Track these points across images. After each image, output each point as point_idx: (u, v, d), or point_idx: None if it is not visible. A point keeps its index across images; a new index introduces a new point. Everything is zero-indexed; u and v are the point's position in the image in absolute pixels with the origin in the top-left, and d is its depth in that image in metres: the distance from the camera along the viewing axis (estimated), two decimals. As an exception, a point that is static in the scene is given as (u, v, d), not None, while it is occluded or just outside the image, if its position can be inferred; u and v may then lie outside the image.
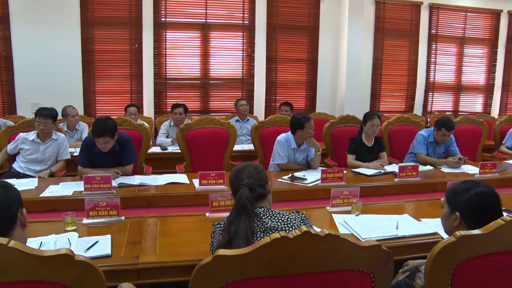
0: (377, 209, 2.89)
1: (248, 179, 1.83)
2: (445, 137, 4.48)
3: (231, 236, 1.66)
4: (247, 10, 6.79)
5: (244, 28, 6.83)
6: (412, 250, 2.30)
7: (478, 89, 8.45)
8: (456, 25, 8.06)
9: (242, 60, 6.90)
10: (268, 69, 6.99)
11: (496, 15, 8.22)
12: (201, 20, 6.62)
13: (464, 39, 8.12)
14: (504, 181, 3.90)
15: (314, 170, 3.90)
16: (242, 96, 6.85)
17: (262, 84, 7.00)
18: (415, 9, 7.64)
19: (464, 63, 8.22)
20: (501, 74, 8.50)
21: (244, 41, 6.86)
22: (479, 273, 1.51)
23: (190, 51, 6.71)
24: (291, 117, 4.13)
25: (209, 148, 4.45)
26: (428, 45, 7.86)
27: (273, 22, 6.91)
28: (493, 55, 8.38)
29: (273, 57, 6.99)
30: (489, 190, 1.80)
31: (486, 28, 8.26)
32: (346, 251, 1.31)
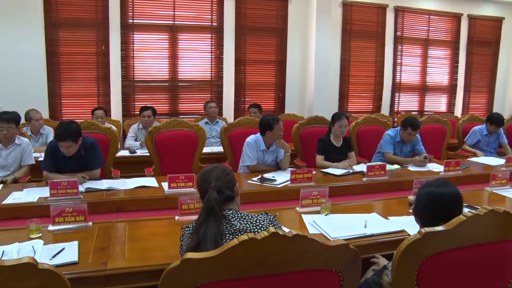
0: (346, 208, 2.93)
1: (216, 182, 1.82)
2: (411, 136, 4.58)
3: (199, 239, 1.66)
4: (215, 12, 6.78)
5: (213, 30, 6.81)
6: (380, 248, 2.35)
7: (442, 90, 8.69)
8: (420, 27, 8.27)
9: (211, 62, 6.88)
10: (237, 71, 7.00)
11: (457, 18, 8.49)
12: (169, 22, 6.57)
13: (428, 41, 8.34)
14: (467, 178, 4.04)
15: (284, 171, 3.94)
16: (211, 98, 6.83)
17: (231, 86, 7.00)
18: (381, 12, 7.79)
19: (429, 64, 8.45)
20: (463, 75, 8.78)
21: (212, 43, 6.84)
22: (443, 268, 1.56)
23: (158, 53, 6.64)
24: (260, 119, 4.14)
25: (178, 150, 4.42)
26: (394, 47, 8.03)
27: (242, 24, 6.92)
28: (455, 57, 8.64)
29: (241, 59, 7.00)
30: (441, 190, 1.86)
31: (448, 30, 8.52)
32: (314, 251, 1.33)
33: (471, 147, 5.66)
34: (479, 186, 3.72)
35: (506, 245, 1.65)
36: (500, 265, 1.69)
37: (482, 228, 1.57)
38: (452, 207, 1.80)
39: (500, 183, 3.63)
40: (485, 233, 1.58)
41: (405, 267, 1.51)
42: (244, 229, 1.72)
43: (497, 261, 1.67)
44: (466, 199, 3.14)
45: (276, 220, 1.88)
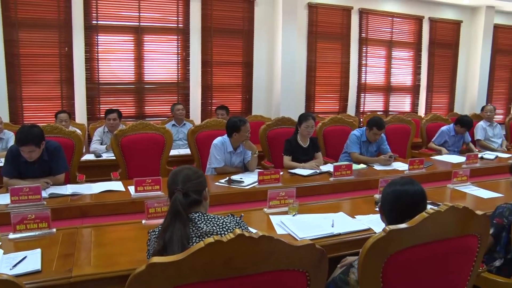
0: (314, 208, 2.97)
1: (184, 184, 1.81)
2: (376, 136, 4.67)
3: (166, 243, 1.64)
4: (181, 13, 6.72)
5: (179, 31, 6.76)
6: (347, 247, 2.39)
7: (406, 90, 8.89)
8: (384, 29, 8.44)
9: (177, 64, 6.82)
10: (204, 73, 6.96)
11: (419, 21, 8.73)
12: (134, 23, 6.47)
13: (391, 43, 8.52)
14: (430, 176, 4.16)
15: (251, 172, 3.95)
16: (178, 100, 6.77)
17: (197, 87, 6.96)
18: (346, 14, 7.91)
19: (393, 65, 8.62)
20: (426, 76, 9.02)
21: (178, 44, 6.78)
22: (408, 264, 1.60)
23: (124, 55, 6.53)
24: (227, 121, 4.14)
25: (144, 154, 4.37)
26: (359, 48, 8.16)
27: (208, 25, 6.89)
28: (418, 58, 8.87)
29: (208, 60, 6.97)
30: (406, 188, 1.91)
31: (411, 32, 8.74)
32: (280, 252, 1.33)
33: (438, 146, 5.82)
34: (442, 183, 3.85)
35: (466, 239, 1.70)
36: (461, 259, 1.74)
37: (444, 224, 1.62)
38: (417, 205, 1.85)
39: (461, 180, 3.76)
40: (447, 228, 1.63)
41: (370, 265, 1.54)
42: (211, 232, 1.71)
43: (458, 255, 1.72)
44: (430, 196, 3.22)
45: (243, 222, 1.88)
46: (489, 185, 3.79)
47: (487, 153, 5.40)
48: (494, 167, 4.66)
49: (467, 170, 3.89)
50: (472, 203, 3.33)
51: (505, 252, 2.37)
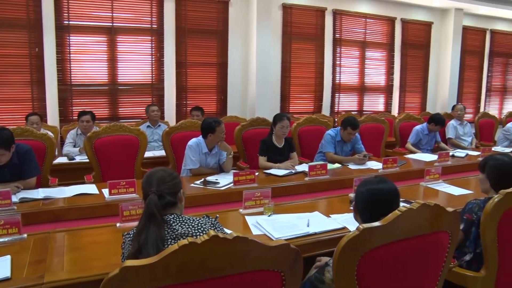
0: (289, 208, 2.98)
1: (159, 186, 1.80)
2: (351, 135, 4.73)
3: (140, 245, 1.63)
4: (155, 14, 6.66)
5: (153, 32, 6.70)
6: (323, 246, 2.41)
7: (379, 90, 9.02)
8: (358, 30, 8.54)
9: (151, 65, 6.75)
10: (178, 74, 6.92)
11: (391, 21, 8.87)
12: (107, 24, 6.38)
13: (365, 43, 8.63)
14: (404, 174, 4.22)
15: (227, 173, 3.94)
16: (152, 101, 6.70)
17: (172, 89, 6.91)
18: (320, 14, 7.97)
19: (366, 66, 8.74)
20: (399, 76, 9.17)
21: (153, 45, 6.72)
22: (381, 262, 1.61)
23: (97, 56, 6.43)
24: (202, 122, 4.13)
25: (119, 156, 4.32)
26: (333, 49, 8.23)
27: (182, 26, 6.85)
28: (391, 58, 9.01)
29: (182, 61, 6.92)
30: (381, 186, 1.94)
31: (384, 33, 8.87)
32: (255, 252, 1.33)
33: (413, 145, 5.93)
34: (415, 181, 3.92)
35: (437, 235, 1.74)
36: (433, 254, 1.77)
37: (416, 221, 1.64)
38: (391, 202, 1.89)
39: (433, 178, 3.84)
40: (419, 225, 1.65)
41: (345, 263, 1.55)
42: (186, 233, 1.70)
43: (430, 251, 1.75)
44: (403, 194, 3.28)
45: (218, 223, 1.88)
46: (460, 182, 3.89)
47: (458, 151, 5.52)
48: (464, 165, 4.78)
49: (439, 168, 3.98)
50: (444, 200, 3.41)
51: (475, 246, 2.43)
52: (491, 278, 2.23)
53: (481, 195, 2.74)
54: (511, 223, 2.21)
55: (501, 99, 11.09)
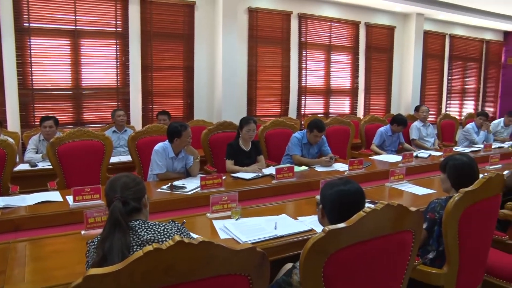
0: (257, 211, 2.99)
1: (123, 192, 1.77)
2: (317, 138, 4.77)
3: (105, 253, 1.60)
4: (119, 17, 6.56)
5: (117, 35, 6.59)
6: (290, 248, 2.42)
7: (345, 93, 9.15)
8: (323, 33, 8.64)
9: (116, 69, 6.64)
10: (144, 78, 6.82)
11: (355, 25, 9.02)
12: (70, 27, 6.23)
13: (330, 47, 8.75)
14: (369, 176, 4.29)
15: (194, 177, 3.91)
16: (118, 106, 6.60)
17: (138, 93, 6.81)
18: (286, 18, 8.03)
19: (332, 69, 8.84)
20: (363, 79, 9.33)
21: (117, 49, 6.61)
22: (348, 262, 1.63)
23: (59, 59, 6.26)
24: (168, 126, 4.09)
25: (83, 162, 4.23)
26: (299, 52, 8.30)
27: (147, 29, 6.77)
28: (355, 62, 9.15)
29: (148, 65, 6.84)
30: (349, 187, 1.96)
31: (349, 37, 9.01)
32: (221, 257, 1.33)
33: (378, 147, 6.05)
34: (380, 182, 4.00)
35: (401, 235, 1.77)
36: (398, 253, 1.80)
37: (380, 222, 1.67)
38: (359, 203, 1.92)
39: (398, 178, 3.92)
40: (383, 226, 1.68)
41: (312, 265, 1.56)
42: (152, 239, 1.68)
43: (395, 251, 1.78)
44: (369, 195, 3.35)
45: (185, 228, 1.87)
46: (423, 182, 3.99)
47: (421, 152, 5.66)
48: (427, 165, 4.90)
49: (403, 168, 4.07)
50: (408, 200, 3.49)
51: (438, 244, 2.49)
52: (453, 274, 2.30)
53: (443, 194, 2.82)
54: (470, 221, 2.29)
55: (460, 101, 11.47)
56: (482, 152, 5.88)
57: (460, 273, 2.32)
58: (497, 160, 4.97)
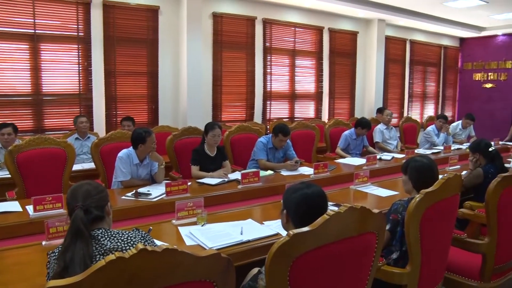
0: (223, 217, 2.98)
1: (84, 200, 1.73)
2: (282, 142, 4.80)
3: (67, 263, 1.55)
4: (81, 21, 6.42)
5: (79, 40, 6.44)
6: (257, 253, 2.42)
7: (310, 97, 9.26)
8: (287, 38, 8.72)
9: (79, 74, 6.48)
10: (107, 83, 6.70)
11: (319, 31, 9.16)
12: (29, 31, 6.04)
13: (295, 52, 8.84)
14: (334, 179, 4.33)
15: (159, 184, 3.87)
16: (80, 112, 6.45)
17: (101, 99, 6.68)
18: (250, 23, 8.06)
19: (296, 74, 8.93)
20: (328, 83, 9.46)
21: (80, 54, 6.46)
22: (313, 265, 1.64)
23: (18, 64, 6.05)
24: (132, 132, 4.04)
25: (44, 170, 4.12)
26: (264, 57, 8.34)
27: (111, 34, 6.66)
28: (320, 66, 9.28)
29: (111, 70, 6.72)
30: (312, 191, 1.98)
31: (313, 42, 9.14)
32: (185, 264, 1.32)
33: (342, 150, 6.14)
34: (345, 185, 4.05)
35: (365, 237, 1.80)
36: (362, 255, 1.83)
37: (344, 224, 1.69)
38: (322, 206, 1.94)
39: (362, 181, 3.99)
40: (347, 228, 1.70)
41: (277, 269, 1.56)
42: (116, 248, 1.65)
43: (359, 252, 1.81)
44: (334, 198, 3.40)
45: (149, 236, 1.84)
46: (387, 184, 4.08)
47: (385, 155, 5.78)
48: (391, 167, 4.99)
49: (367, 171, 4.14)
50: (372, 202, 3.55)
51: (401, 245, 2.54)
52: (415, 273, 2.35)
53: (406, 195, 2.88)
54: (431, 221, 2.35)
55: (421, 104, 11.81)
56: (442, 154, 6.06)
57: (422, 271, 2.37)
58: (455, 161, 5.13)
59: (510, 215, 2.88)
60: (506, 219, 2.83)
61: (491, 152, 3.95)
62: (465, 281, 2.86)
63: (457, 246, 2.93)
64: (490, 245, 2.77)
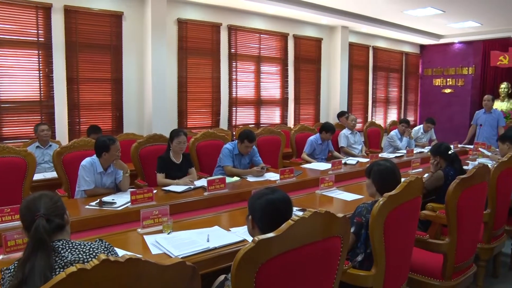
0: (189, 224, 2.96)
1: (45, 209, 1.68)
2: (248, 148, 4.81)
3: (26, 276, 1.49)
4: (41, 26, 6.25)
5: (40, 45, 6.27)
6: (223, 260, 2.41)
7: (275, 103, 9.31)
8: (253, 45, 8.76)
9: (39, 81, 6.30)
10: (70, 90, 6.53)
11: (284, 37, 9.24)
12: (-15, 36, 5.87)
13: (260, 58, 8.88)
14: (300, 184, 4.36)
15: (124, 192, 3.80)
16: (42, 120, 6.26)
17: (63, 106, 6.51)
18: (215, 30, 8.06)
19: (262, 80, 8.96)
20: (293, 89, 9.55)
21: (40, 59, 6.29)
22: (279, 271, 1.65)
23: (-27, 70, 5.88)
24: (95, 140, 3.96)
25: (3, 180, 4.01)
26: (229, 63, 8.34)
27: (73, 40, 6.51)
28: (285, 72, 9.35)
29: (74, 77, 6.56)
30: (277, 196, 2.00)
31: (278, 48, 9.21)
32: (150, 273, 1.30)
33: (308, 155, 6.20)
34: (311, 190, 4.09)
35: (330, 241, 1.82)
36: (327, 259, 1.85)
37: (309, 229, 1.70)
38: (287, 211, 1.97)
39: (328, 186, 4.04)
40: (312, 233, 1.72)
41: (243, 276, 1.56)
42: (77, 260, 1.60)
43: (325, 256, 1.83)
44: (301, 203, 3.42)
45: (111, 246, 1.80)
46: (352, 188, 4.14)
47: (350, 159, 5.86)
48: (356, 171, 5.06)
49: (332, 176, 4.20)
50: (338, 206, 3.60)
51: (365, 247, 2.58)
52: (380, 275, 2.40)
53: (370, 199, 2.94)
54: (395, 223, 2.40)
55: (385, 109, 12.08)
56: (405, 157, 6.19)
57: (387, 273, 2.42)
58: (418, 164, 5.25)
59: (469, 216, 2.98)
60: (465, 220, 2.93)
61: (450, 155, 4.08)
62: (428, 281, 2.94)
63: (420, 247, 3.01)
64: (450, 245, 2.86)
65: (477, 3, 8.11)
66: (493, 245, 3.62)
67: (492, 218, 3.55)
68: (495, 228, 3.63)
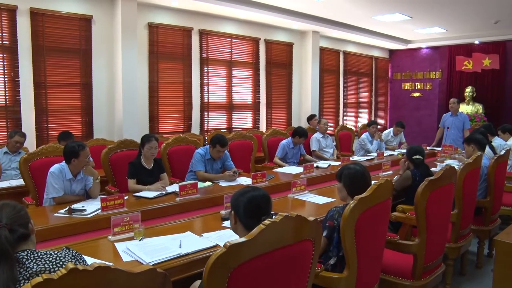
0: (161, 230, 2.94)
1: (8, 219, 1.63)
2: (220, 153, 4.80)
3: (-14, 289, 1.46)
4: (6, 29, 6.08)
5: (4, 49, 6.10)
6: (196, 266, 2.41)
7: (247, 107, 9.32)
8: (224, 49, 8.75)
9: (5, 86, 6.12)
10: (37, 95, 6.38)
11: (255, 42, 9.27)
12: None
13: (232, 62, 8.88)
14: (273, 188, 4.37)
15: (94, 199, 3.74)
16: (8, 125, 6.09)
17: (31, 111, 6.35)
18: (187, 34, 8.02)
19: (234, 84, 8.95)
20: (265, 93, 9.58)
21: (5, 63, 6.11)
22: (251, 275, 1.65)
23: None
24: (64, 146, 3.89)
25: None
26: (201, 68, 8.31)
27: (40, 43, 6.36)
28: (256, 77, 9.38)
29: (41, 81, 6.41)
30: (258, 193, 2.13)
31: (249, 53, 9.22)
32: (120, 282, 1.28)
33: (280, 159, 6.22)
34: (284, 193, 4.10)
35: (302, 244, 1.84)
36: (299, 262, 1.87)
37: (281, 233, 1.71)
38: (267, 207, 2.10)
39: (300, 189, 4.06)
40: (284, 237, 1.73)
41: (215, 281, 1.55)
42: (43, 270, 1.55)
43: (297, 260, 1.84)
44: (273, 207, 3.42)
45: (80, 254, 1.76)
46: (324, 192, 4.18)
47: (322, 163, 5.92)
48: (327, 175, 5.11)
49: (304, 179, 4.22)
50: (310, 209, 3.63)
51: (338, 250, 2.62)
52: (352, 277, 2.43)
53: (342, 202, 2.97)
54: (366, 225, 2.44)
55: (356, 113, 12.25)
56: (376, 160, 6.30)
57: (359, 275, 2.46)
58: (388, 167, 5.35)
59: (437, 216, 3.06)
60: (434, 220, 3.01)
61: (414, 160, 4.16)
62: (399, 281, 3.00)
63: (390, 248, 3.07)
64: (420, 246, 2.93)
65: (443, 9, 8.36)
66: (460, 244, 3.73)
67: (459, 218, 3.65)
68: (462, 227, 3.74)
